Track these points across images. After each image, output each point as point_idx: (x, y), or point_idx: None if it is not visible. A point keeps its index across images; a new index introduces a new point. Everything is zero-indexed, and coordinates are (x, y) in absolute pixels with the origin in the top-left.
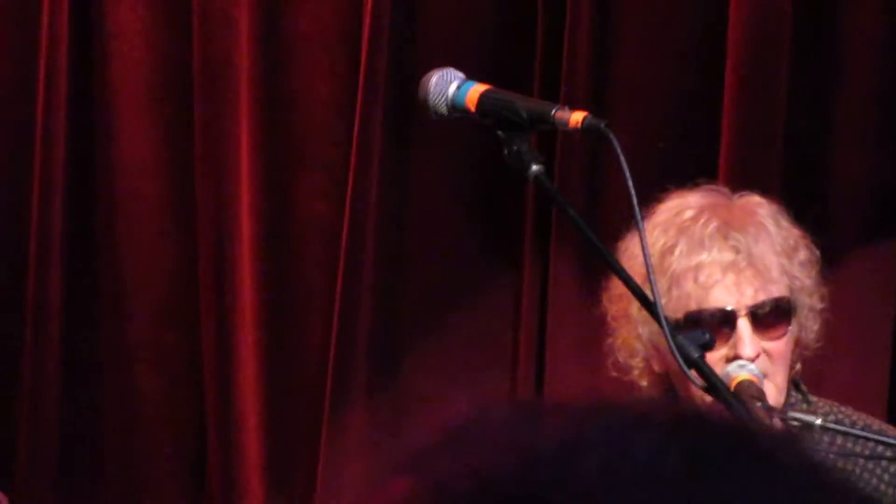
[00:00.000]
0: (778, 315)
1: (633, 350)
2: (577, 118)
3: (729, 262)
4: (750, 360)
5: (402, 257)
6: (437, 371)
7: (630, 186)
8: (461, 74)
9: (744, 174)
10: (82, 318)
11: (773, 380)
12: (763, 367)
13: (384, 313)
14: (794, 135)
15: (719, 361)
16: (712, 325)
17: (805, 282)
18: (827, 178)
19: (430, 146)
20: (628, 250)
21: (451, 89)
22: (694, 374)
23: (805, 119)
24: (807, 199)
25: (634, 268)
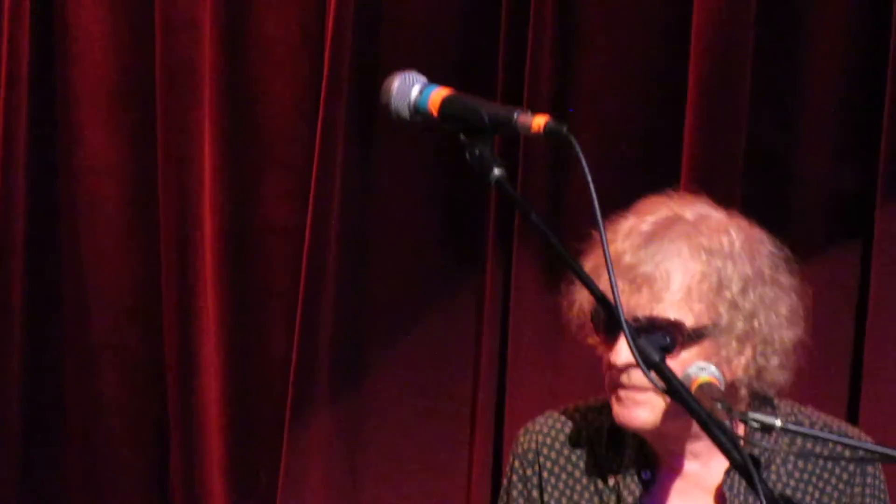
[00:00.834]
0: (666, 336)
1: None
2: (539, 122)
3: (637, 271)
4: (616, 367)
5: (366, 258)
6: (399, 372)
7: (592, 190)
8: (423, 78)
9: (705, 178)
10: (45, 320)
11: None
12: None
13: (347, 315)
14: (757, 138)
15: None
16: (607, 324)
17: (730, 320)
18: (789, 182)
19: (393, 148)
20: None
21: (413, 93)
22: (654, 376)
23: (767, 123)
24: (769, 203)
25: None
